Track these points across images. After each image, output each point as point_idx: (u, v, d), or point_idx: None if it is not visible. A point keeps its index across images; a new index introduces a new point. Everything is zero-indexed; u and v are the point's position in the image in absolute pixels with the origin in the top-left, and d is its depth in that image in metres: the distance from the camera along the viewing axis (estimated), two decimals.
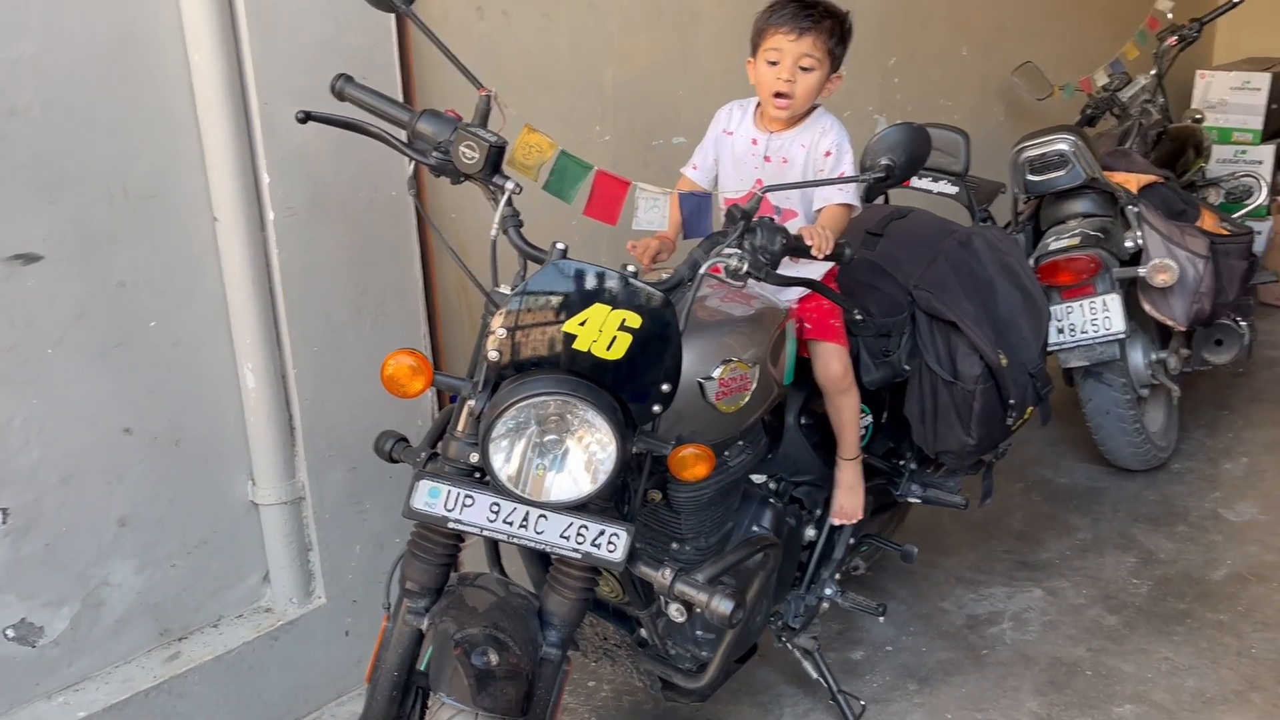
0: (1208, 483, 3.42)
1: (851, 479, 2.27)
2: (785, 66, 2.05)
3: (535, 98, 2.69)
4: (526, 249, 1.66)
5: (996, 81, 4.44)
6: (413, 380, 1.59)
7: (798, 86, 2.05)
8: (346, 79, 1.72)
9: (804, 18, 2.04)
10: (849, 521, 2.28)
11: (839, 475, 2.28)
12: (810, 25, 2.04)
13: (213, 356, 2.23)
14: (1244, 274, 3.28)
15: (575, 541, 1.62)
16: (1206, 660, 2.55)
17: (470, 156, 1.62)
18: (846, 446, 2.25)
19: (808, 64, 2.05)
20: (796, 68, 2.04)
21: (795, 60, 2.04)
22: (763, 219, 1.75)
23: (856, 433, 2.24)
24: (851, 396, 2.20)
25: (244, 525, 2.36)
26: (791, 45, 2.04)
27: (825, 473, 2.31)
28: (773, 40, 2.06)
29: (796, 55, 2.04)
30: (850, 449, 2.25)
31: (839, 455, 2.27)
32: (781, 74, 2.05)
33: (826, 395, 2.19)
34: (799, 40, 2.04)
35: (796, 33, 2.03)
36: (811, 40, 2.04)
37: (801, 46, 2.04)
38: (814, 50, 2.04)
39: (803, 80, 2.06)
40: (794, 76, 2.05)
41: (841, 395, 2.18)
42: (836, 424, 2.23)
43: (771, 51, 2.06)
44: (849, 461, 2.26)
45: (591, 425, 1.54)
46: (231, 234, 2.16)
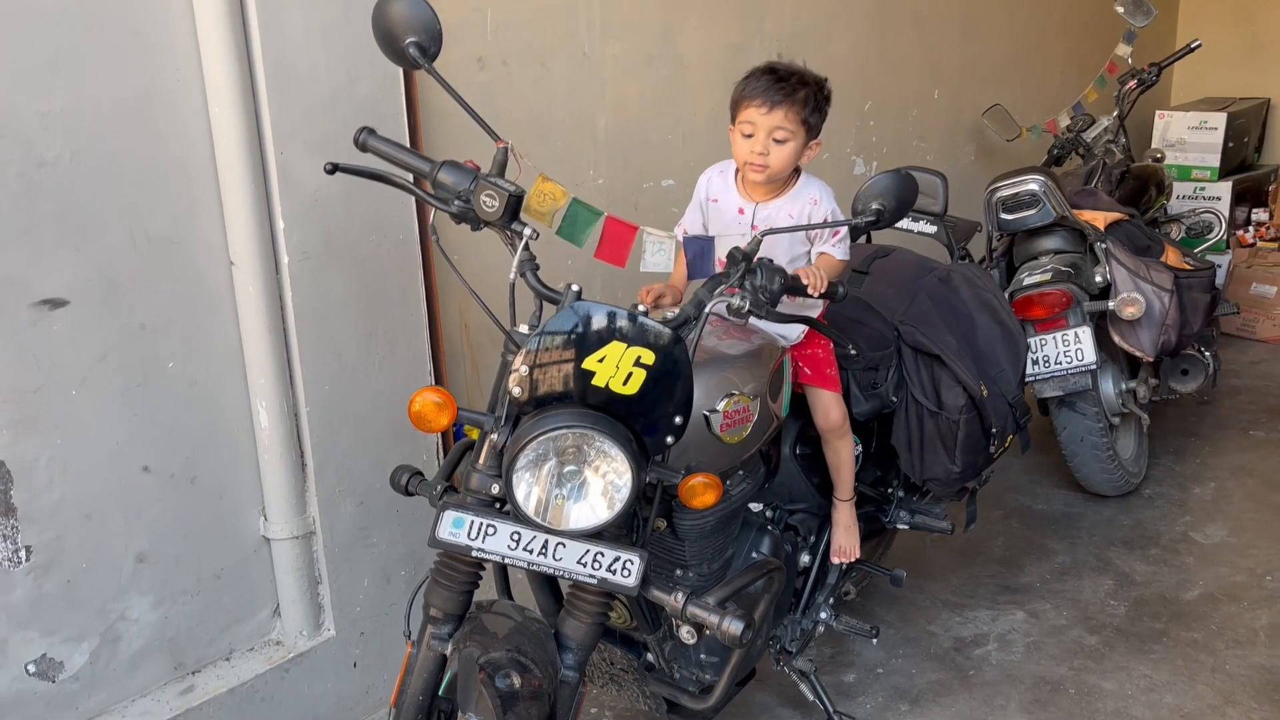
0: (1178, 507, 3.55)
1: (848, 519, 2.37)
2: (759, 140, 2.06)
3: (533, 144, 2.80)
4: (543, 290, 1.76)
5: (967, 123, 4.61)
6: (439, 416, 1.68)
7: (771, 158, 2.07)
8: (369, 131, 1.82)
9: (776, 90, 2.05)
10: (847, 560, 2.38)
11: (836, 516, 2.38)
12: (782, 98, 2.05)
13: (228, 395, 2.31)
14: (1207, 306, 3.43)
15: (592, 568, 1.71)
16: (1183, 677, 2.66)
17: (491, 205, 1.72)
18: (842, 488, 2.35)
19: (781, 136, 2.06)
20: (770, 140, 2.06)
21: (768, 133, 2.06)
22: (762, 260, 1.86)
23: (852, 475, 2.34)
24: (847, 440, 2.31)
25: (256, 559, 2.43)
26: (764, 118, 2.05)
27: (819, 501, 2.41)
28: (746, 113, 2.08)
29: (769, 128, 2.05)
30: (846, 490, 2.35)
31: (835, 496, 2.37)
32: (755, 146, 2.07)
33: (824, 438, 2.30)
34: (771, 113, 2.05)
35: (769, 106, 2.05)
36: (784, 113, 2.05)
37: (774, 119, 2.05)
38: (786, 122, 2.05)
39: (776, 152, 2.07)
40: (767, 149, 2.06)
41: (839, 439, 2.29)
42: (833, 465, 2.33)
43: (746, 124, 2.08)
44: (845, 503, 2.37)
45: (609, 456, 1.63)
46: (247, 278, 2.24)
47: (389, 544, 2.57)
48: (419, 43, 1.77)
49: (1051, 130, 4.44)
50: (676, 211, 3.22)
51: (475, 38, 2.63)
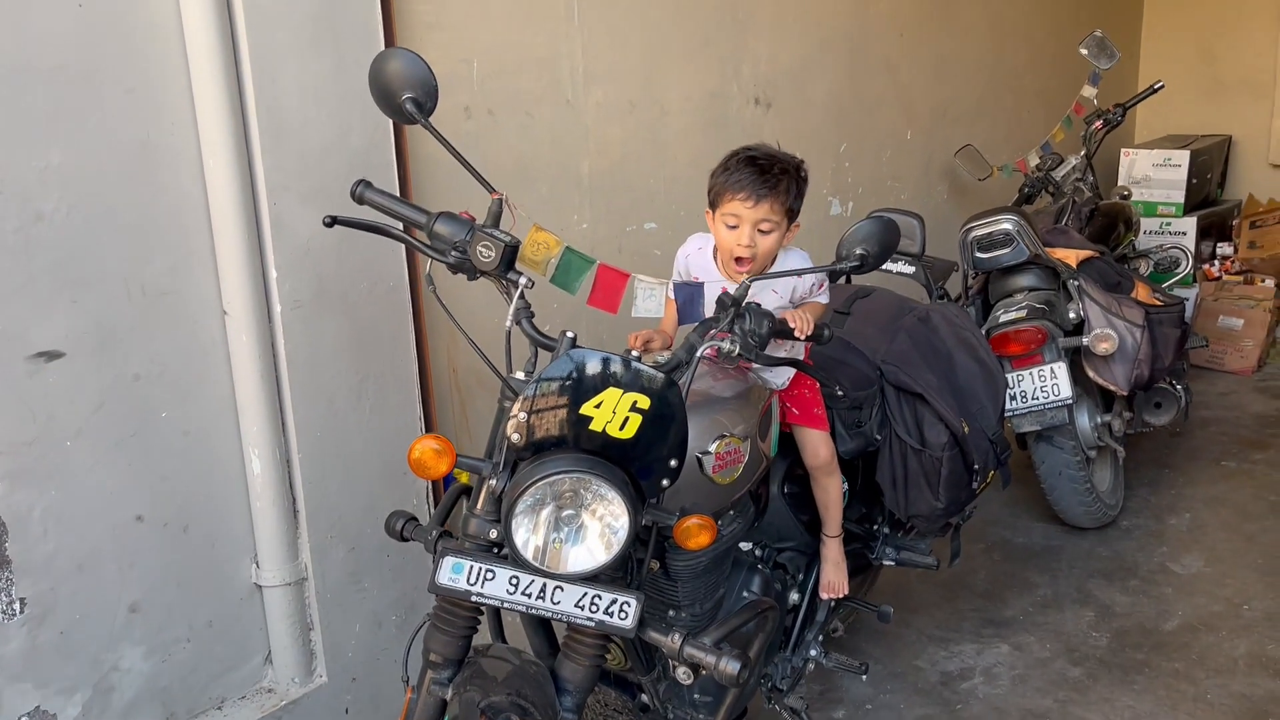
0: (1155, 538, 3.61)
1: (836, 555, 2.42)
2: (744, 232, 2.06)
3: (520, 190, 2.85)
4: (539, 338, 1.79)
5: (940, 163, 4.71)
6: (438, 463, 1.71)
7: (759, 249, 2.07)
8: (366, 184, 1.86)
9: (761, 184, 2.04)
10: (836, 595, 2.42)
11: (825, 552, 2.42)
12: (767, 191, 2.04)
13: (221, 444, 2.33)
14: (1178, 340, 3.52)
15: (589, 611, 1.73)
16: (1166, 707, 2.70)
17: (487, 255, 1.76)
18: (831, 525, 2.39)
19: (766, 227, 2.06)
20: (755, 232, 2.06)
21: (754, 226, 2.05)
22: (750, 305, 1.91)
23: (840, 512, 2.39)
24: (835, 477, 2.36)
25: (248, 607, 2.43)
26: (749, 212, 2.05)
27: (807, 539, 2.45)
28: (730, 205, 2.06)
29: (754, 221, 2.05)
30: (834, 527, 2.40)
31: (824, 533, 2.42)
32: (741, 239, 2.06)
33: (813, 476, 2.35)
34: (756, 207, 2.04)
35: (754, 200, 2.04)
36: (769, 205, 2.04)
37: (759, 213, 2.04)
38: (771, 214, 2.05)
39: (762, 243, 2.07)
40: (754, 241, 2.06)
41: (827, 476, 2.34)
42: (822, 503, 2.38)
43: (730, 217, 2.07)
44: (833, 539, 2.41)
45: (606, 500, 1.67)
46: (240, 326, 2.27)
47: (381, 589, 2.58)
48: (415, 98, 1.81)
49: (1022, 169, 4.55)
50: (660, 254, 3.29)
51: (463, 88, 2.68)
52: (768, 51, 3.68)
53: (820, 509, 2.39)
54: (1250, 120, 6.16)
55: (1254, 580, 3.29)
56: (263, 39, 2.18)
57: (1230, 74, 6.23)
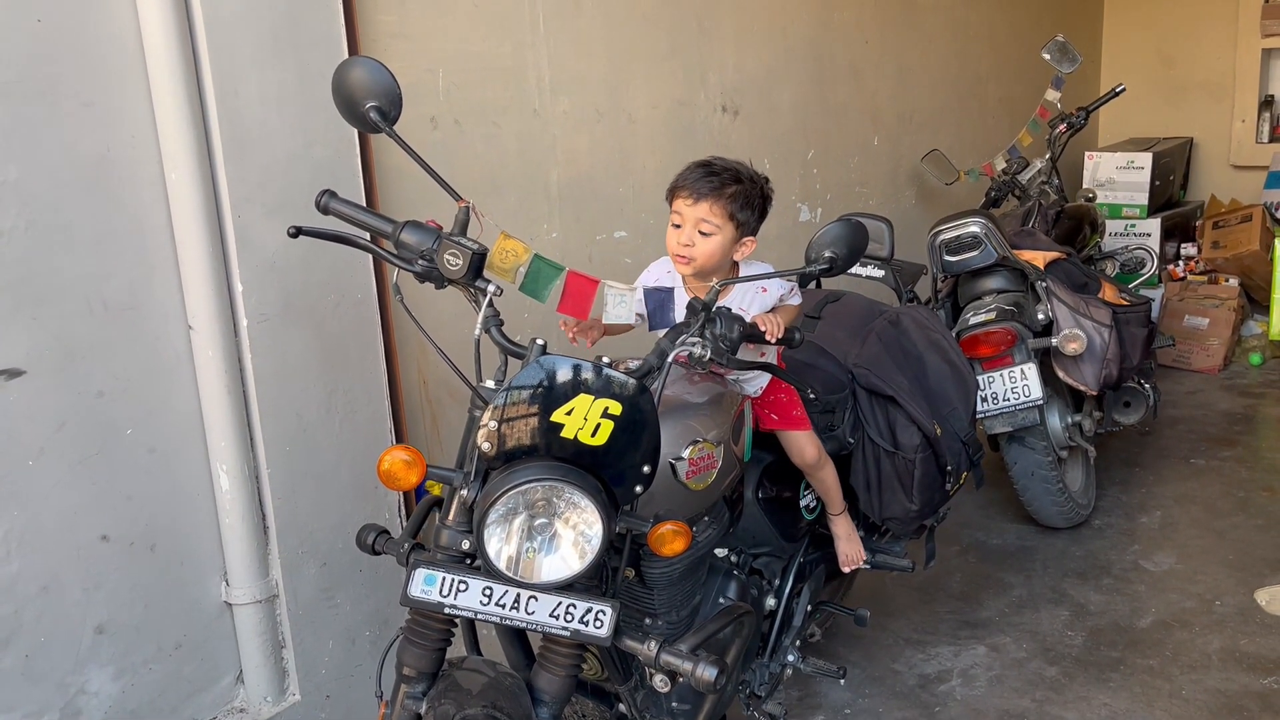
0: (1127, 536, 3.64)
1: (847, 529, 2.52)
2: (685, 230, 2.07)
3: (487, 200, 2.84)
4: (508, 345, 1.78)
5: (907, 168, 4.74)
6: (408, 474, 1.69)
7: (696, 250, 2.06)
8: (331, 194, 1.84)
9: (704, 183, 2.05)
10: (856, 565, 2.52)
11: (835, 529, 2.52)
12: (708, 191, 2.04)
13: (187, 460, 2.29)
14: (1145, 340, 3.55)
15: (564, 620, 1.72)
16: (1141, 704, 2.72)
17: (454, 263, 1.74)
18: (834, 504, 2.48)
19: (706, 229, 2.05)
20: (695, 231, 2.06)
21: (694, 225, 2.06)
22: (721, 309, 1.91)
23: (840, 492, 2.47)
24: (828, 467, 2.42)
25: (218, 626, 2.39)
26: (690, 210, 2.06)
27: (782, 544, 2.45)
28: (676, 203, 2.09)
29: (695, 220, 2.06)
30: (838, 505, 2.49)
31: (829, 513, 2.50)
32: (680, 237, 2.07)
33: (806, 473, 2.39)
34: (696, 205, 2.05)
35: (695, 198, 2.05)
36: (709, 206, 2.04)
37: (699, 211, 2.05)
38: (711, 216, 2.04)
39: (701, 244, 2.06)
40: (693, 240, 2.06)
41: (820, 470, 2.40)
42: (822, 490, 2.46)
43: (675, 215, 2.10)
44: (839, 516, 2.50)
45: (579, 507, 1.65)
46: (206, 341, 2.24)
47: (353, 605, 2.55)
48: (379, 107, 1.80)
49: (988, 173, 4.58)
50: (630, 262, 3.29)
51: (428, 98, 2.67)
52: (734, 59, 3.69)
53: (821, 495, 2.48)
54: (1210, 122, 6.24)
55: (1225, 576, 3.32)
56: (224, 49, 2.16)
57: (1189, 77, 6.32)
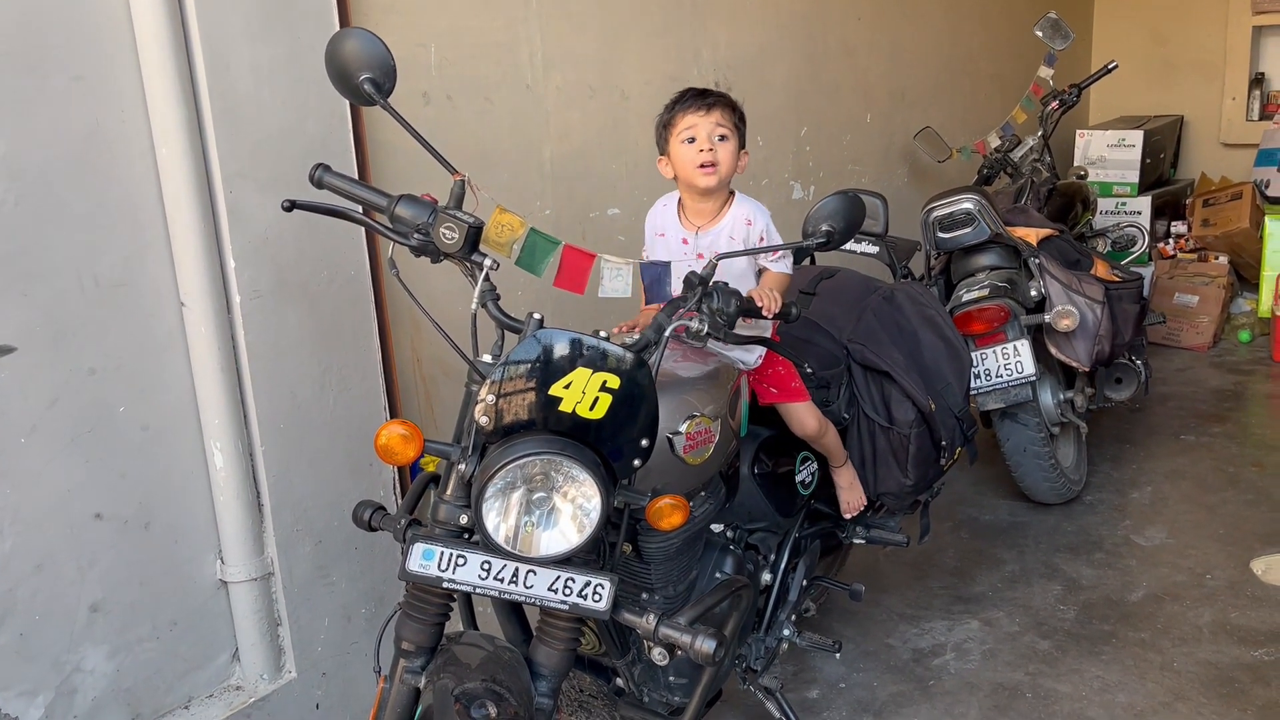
0: (1118, 512, 3.66)
1: (849, 478, 2.55)
2: (703, 139, 2.17)
3: (481, 176, 2.81)
4: (505, 320, 1.77)
5: (899, 146, 4.73)
6: (405, 448, 1.68)
7: (719, 154, 2.17)
8: (325, 168, 1.82)
9: (707, 96, 2.21)
10: (857, 511, 2.55)
11: (838, 480, 2.55)
12: (715, 100, 2.20)
13: (181, 438, 2.28)
14: (1137, 316, 3.56)
15: (563, 594, 1.72)
16: (1134, 676, 2.74)
17: (450, 237, 1.73)
18: (837, 457, 2.51)
19: (723, 132, 2.18)
20: (713, 137, 2.17)
21: (711, 131, 2.17)
22: (718, 283, 1.91)
23: (841, 446, 2.50)
24: (830, 433, 2.45)
25: (213, 604, 2.39)
26: (704, 119, 2.17)
27: (778, 519, 2.45)
28: (685, 121, 2.19)
29: (711, 126, 2.17)
30: (840, 458, 2.51)
31: (832, 465, 2.53)
32: (702, 145, 2.16)
33: (810, 442, 2.42)
34: (709, 114, 2.18)
35: (705, 109, 2.18)
36: (720, 112, 2.19)
37: (713, 118, 2.18)
38: (724, 121, 2.18)
39: (721, 149, 2.17)
40: (714, 145, 2.17)
41: (823, 437, 2.42)
42: (824, 450, 2.48)
43: (686, 131, 2.18)
44: (841, 467, 2.53)
45: (577, 481, 1.65)
46: (199, 318, 2.22)
47: (349, 582, 2.55)
48: (373, 79, 1.78)
49: (980, 151, 4.57)
50: (624, 239, 3.28)
51: (420, 73, 2.65)
52: (727, 36, 3.67)
53: (826, 455, 2.50)
54: (1201, 101, 6.25)
55: (1215, 550, 3.34)
56: (214, 22, 2.14)
57: (1180, 55, 6.32)
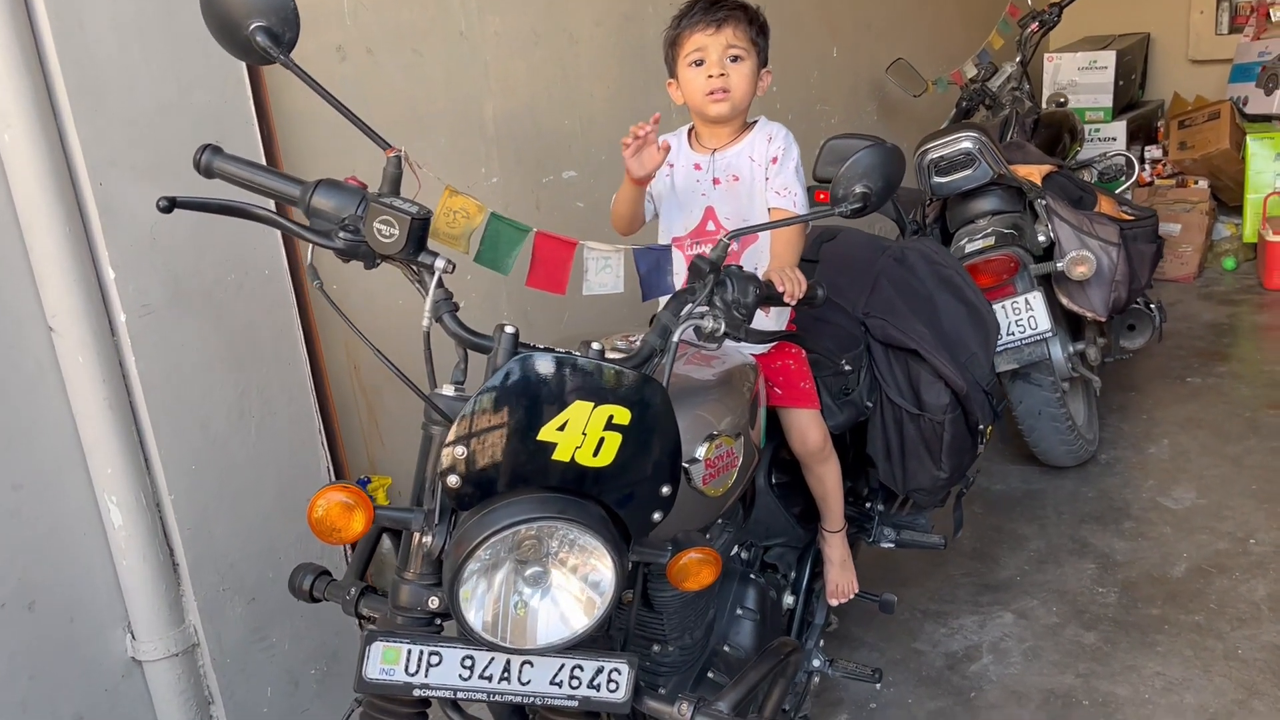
0: (1139, 471, 3.35)
1: (842, 553, 2.09)
2: (713, 61, 1.88)
3: (412, 142, 2.37)
4: (468, 337, 1.35)
5: (867, 82, 4.35)
6: (349, 521, 1.27)
7: (731, 80, 1.87)
8: (214, 150, 1.38)
9: (718, 11, 1.89)
10: (845, 599, 2.08)
11: (828, 552, 2.08)
12: (726, 15, 1.89)
13: (65, 495, 1.84)
14: (1153, 257, 3.23)
15: (570, 687, 1.33)
16: (1197, 670, 2.43)
17: (388, 234, 1.30)
18: (832, 518, 2.04)
19: (736, 53, 1.88)
20: (725, 60, 1.87)
21: (722, 53, 1.87)
22: (730, 268, 1.50)
23: (840, 503, 2.04)
24: (832, 462, 1.99)
25: (126, 688, 1.96)
26: (713, 39, 1.87)
27: (797, 533, 2.08)
28: (692, 42, 1.89)
29: (722, 47, 1.87)
30: (835, 520, 2.05)
31: (823, 528, 2.06)
32: (711, 70, 1.87)
33: (805, 465, 1.98)
34: (719, 32, 1.87)
35: (714, 26, 1.88)
36: (732, 30, 1.88)
37: (724, 37, 1.87)
38: (737, 40, 1.88)
39: (735, 71, 1.88)
40: (725, 69, 1.87)
41: (822, 464, 1.97)
42: (819, 495, 2.02)
43: (694, 53, 1.89)
44: (835, 534, 2.07)
45: (584, 549, 1.25)
46: (74, 345, 1.77)
47: (292, 642, 2.14)
48: (268, 28, 1.34)
49: (957, 82, 4.19)
50: (582, 206, 2.85)
51: (332, 23, 2.19)
52: None
53: (818, 501, 2.02)
54: (1167, 16, 5.92)
55: (1253, 510, 3.04)
56: None
57: None
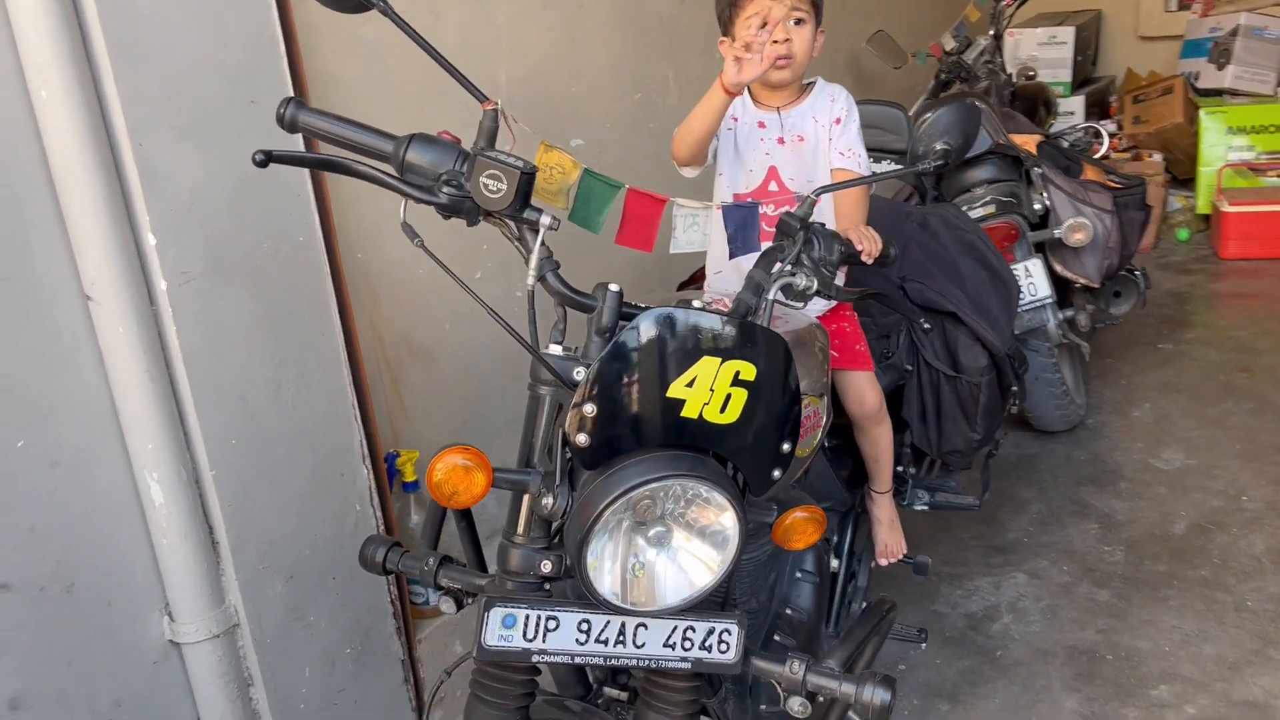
0: (1126, 435, 3.43)
1: (890, 513, 2.11)
2: (776, 28, 1.81)
3: (431, 105, 2.31)
4: (571, 295, 1.32)
5: (845, 54, 4.36)
6: (469, 483, 1.22)
7: (795, 44, 1.83)
8: (297, 104, 1.32)
9: None
10: (894, 560, 2.09)
11: (877, 512, 2.10)
12: None
13: (103, 471, 1.75)
14: (1141, 224, 3.29)
15: (683, 649, 1.31)
16: (1212, 622, 2.50)
17: (495, 189, 1.26)
18: (881, 480, 2.05)
19: (799, 15, 1.84)
20: (788, 24, 1.83)
21: (785, 16, 1.83)
22: (816, 226, 1.49)
23: (891, 464, 2.04)
24: (887, 425, 2.00)
25: (164, 672, 1.89)
26: (778, 2, 1.82)
27: (843, 497, 2.08)
28: (755, 4, 1.83)
29: (785, 11, 1.83)
30: (885, 482, 2.06)
31: (873, 489, 2.08)
32: (776, 35, 1.80)
33: (859, 427, 1.98)
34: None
35: None
36: None
37: (789, 1, 1.82)
38: (800, 3, 1.84)
39: (798, 35, 1.84)
40: (788, 34, 1.82)
41: (877, 425, 1.98)
42: (871, 457, 2.02)
43: (756, 17, 1.82)
44: (884, 495, 2.08)
45: (712, 505, 1.23)
46: (112, 314, 1.69)
47: (328, 621, 2.07)
48: None
49: (936, 54, 4.22)
50: None
51: None
52: None
53: (869, 463, 2.03)
54: None
55: (1241, 469, 3.14)
56: None
57: None
